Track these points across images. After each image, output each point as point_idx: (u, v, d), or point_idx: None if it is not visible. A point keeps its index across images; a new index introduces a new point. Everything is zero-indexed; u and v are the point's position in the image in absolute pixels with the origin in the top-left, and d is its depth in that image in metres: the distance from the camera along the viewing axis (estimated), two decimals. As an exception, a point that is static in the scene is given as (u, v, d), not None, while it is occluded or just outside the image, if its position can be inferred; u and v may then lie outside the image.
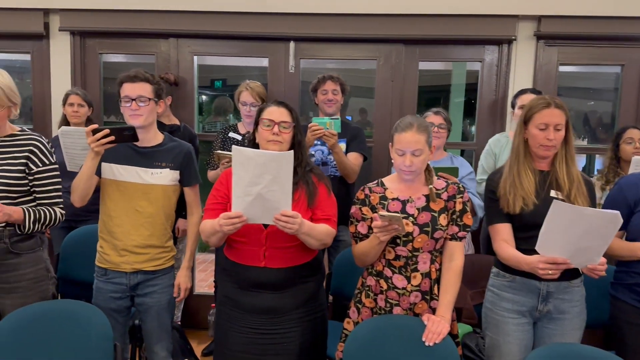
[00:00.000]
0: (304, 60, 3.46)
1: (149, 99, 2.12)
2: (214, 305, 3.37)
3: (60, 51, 3.50)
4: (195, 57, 3.51)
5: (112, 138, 1.96)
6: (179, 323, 3.34)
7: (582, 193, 1.95)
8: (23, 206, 1.97)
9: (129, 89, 2.10)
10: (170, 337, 2.28)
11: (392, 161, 1.98)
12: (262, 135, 1.99)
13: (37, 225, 1.99)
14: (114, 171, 2.14)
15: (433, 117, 2.82)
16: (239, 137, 3.17)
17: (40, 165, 2.01)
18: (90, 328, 1.89)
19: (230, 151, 2.22)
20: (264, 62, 3.50)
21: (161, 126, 3.25)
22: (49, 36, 3.49)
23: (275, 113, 1.99)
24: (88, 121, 3.31)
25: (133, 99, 2.09)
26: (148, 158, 2.16)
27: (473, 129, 3.77)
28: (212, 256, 3.93)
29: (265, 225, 1.91)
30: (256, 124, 2.05)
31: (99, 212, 2.20)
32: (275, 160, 1.70)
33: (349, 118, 4.75)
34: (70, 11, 3.41)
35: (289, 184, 1.73)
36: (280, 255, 1.94)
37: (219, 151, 2.88)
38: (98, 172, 2.17)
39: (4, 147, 1.99)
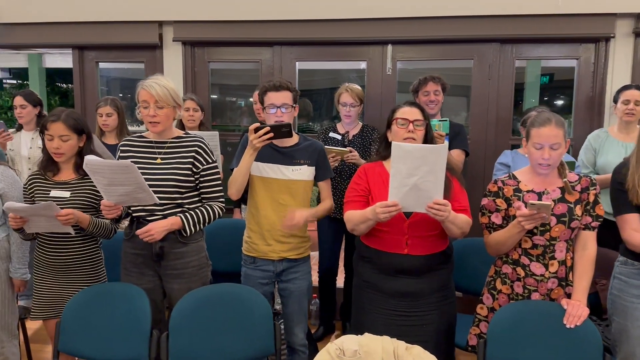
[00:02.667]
0: (400, 62, 3.61)
1: (291, 106, 2.33)
2: (315, 295, 3.57)
3: (173, 60, 3.79)
4: (297, 63, 3.72)
5: (271, 135, 2.17)
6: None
7: None
8: (180, 214, 2.17)
9: (274, 98, 2.31)
10: (307, 320, 2.48)
11: (527, 155, 2.11)
12: (398, 134, 2.15)
13: (197, 227, 2.21)
14: (260, 169, 2.36)
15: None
16: (339, 137, 3.35)
17: (205, 163, 2.24)
18: (253, 308, 2.11)
19: None
20: (362, 64, 3.67)
21: (267, 128, 3.50)
22: (163, 46, 3.78)
23: (409, 112, 2.16)
24: (201, 125, 3.58)
25: (278, 107, 2.30)
26: (288, 156, 2.36)
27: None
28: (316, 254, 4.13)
29: (407, 216, 2.07)
30: (389, 124, 2.22)
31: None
32: (433, 153, 1.86)
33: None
34: (183, 23, 3.69)
35: (443, 175, 1.89)
36: (421, 243, 2.10)
37: (327, 147, 3.08)
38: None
39: (173, 148, 2.23)
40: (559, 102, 6.92)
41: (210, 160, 2.25)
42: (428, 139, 2.19)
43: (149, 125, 2.18)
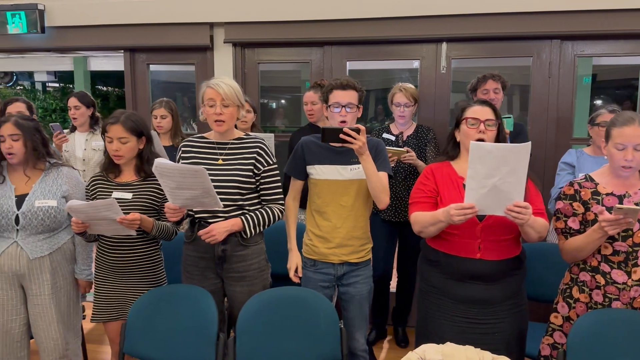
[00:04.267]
0: (454, 60, 3.52)
1: (356, 106, 2.28)
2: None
3: (223, 61, 3.79)
4: (347, 63, 3.67)
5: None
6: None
7: None
8: (242, 217, 2.16)
9: (340, 96, 2.26)
10: (367, 325, 2.42)
11: (606, 157, 2.01)
12: (468, 134, 2.07)
13: (258, 229, 2.19)
14: (318, 171, 2.32)
15: (607, 116, 2.78)
16: (393, 138, 3.29)
17: (266, 165, 2.21)
18: (319, 312, 2.07)
19: None
20: (415, 63, 3.60)
21: (317, 130, 3.45)
22: (213, 48, 3.78)
23: (480, 111, 2.07)
24: (253, 126, 3.56)
25: (343, 106, 2.26)
26: (345, 156, 2.31)
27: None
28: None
29: (480, 219, 1.99)
30: (457, 123, 2.14)
31: None
32: (515, 152, 1.77)
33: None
34: (234, 24, 3.69)
35: (524, 176, 1.80)
36: (495, 247, 2.01)
37: (388, 147, 3.01)
38: (305, 174, 2.36)
39: (235, 149, 2.22)
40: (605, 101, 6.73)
41: (271, 162, 2.22)
42: (500, 139, 2.10)
43: (214, 124, 2.16)
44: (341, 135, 2.10)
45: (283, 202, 2.28)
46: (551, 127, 3.42)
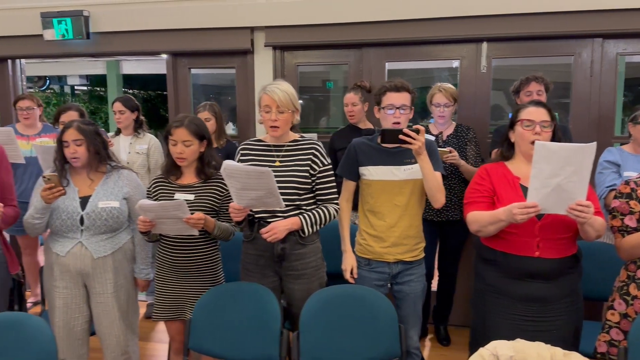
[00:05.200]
0: (495, 60, 3.53)
1: (409, 107, 2.32)
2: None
3: (263, 65, 3.86)
4: (386, 64, 3.71)
5: None
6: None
7: None
8: (300, 216, 2.21)
9: (393, 98, 2.31)
10: (421, 323, 2.46)
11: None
12: (523, 136, 2.09)
13: (315, 228, 2.24)
14: (371, 172, 2.36)
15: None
16: (432, 138, 3.30)
17: (321, 165, 2.27)
18: (378, 310, 2.12)
19: None
20: (454, 63, 3.62)
21: (357, 131, 3.50)
22: (254, 51, 3.86)
23: (535, 113, 2.09)
24: (292, 127, 3.61)
25: (397, 107, 2.30)
26: (398, 156, 2.35)
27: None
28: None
29: (539, 217, 2.01)
30: (512, 124, 2.17)
31: None
32: (580, 152, 1.79)
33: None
34: (274, 28, 3.75)
35: (588, 175, 1.82)
36: (553, 246, 2.03)
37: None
38: (357, 175, 2.41)
39: (291, 151, 2.28)
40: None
41: (325, 163, 2.28)
42: (555, 140, 2.12)
43: (270, 130, 2.23)
44: (401, 136, 2.15)
45: (338, 201, 2.33)
46: (593, 127, 3.42)
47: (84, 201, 2.33)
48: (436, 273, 3.56)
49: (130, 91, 12.02)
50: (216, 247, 2.43)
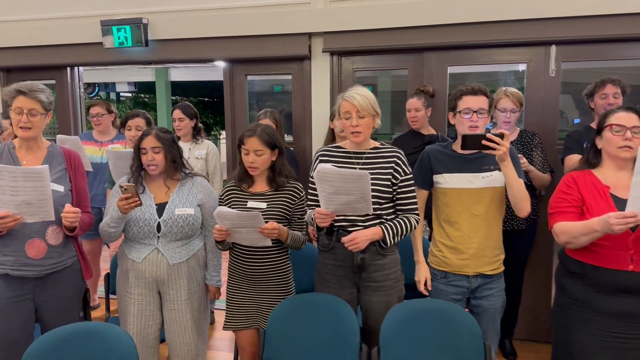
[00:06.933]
0: (564, 63, 3.40)
1: (487, 111, 2.23)
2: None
3: (320, 71, 3.82)
4: (448, 68, 3.62)
5: None
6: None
7: None
8: (382, 225, 2.15)
9: (471, 102, 2.22)
10: (499, 339, 2.36)
11: None
12: (612, 142, 1.99)
13: (396, 239, 2.18)
14: (447, 180, 2.28)
15: None
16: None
17: (403, 175, 2.20)
18: (460, 326, 2.03)
19: None
20: (520, 66, 3.50)
21: (419, 137, 3.42)
22: (311, 57, 3.82)
23: (626, 118, 1.99)
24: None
25: (474, 111, 2.21)
26: (476, 163, 2.26)
27: None
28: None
29: (633, 229, 1.89)
30: (599, 130, 2.06)
31: None
32: None
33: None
34: (332, 34, 3.71)
35: None
36: (650, 260, 1.91)
37: None
38: (430, 184, 2.33)
39: (371, 158, 2.22)
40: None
41: (407, 172, 2.21)
42: None
43: (351, 136, 2.17)
44: (484, 142, 2.07)
45: (418, 212, 2.25)
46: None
47: (161, 208, 2.33)
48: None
49: (173, 98, 12.25)
50: (288, 256, 2.39)
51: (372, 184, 2.15)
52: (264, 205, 2.28)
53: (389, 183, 2.17)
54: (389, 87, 5.96)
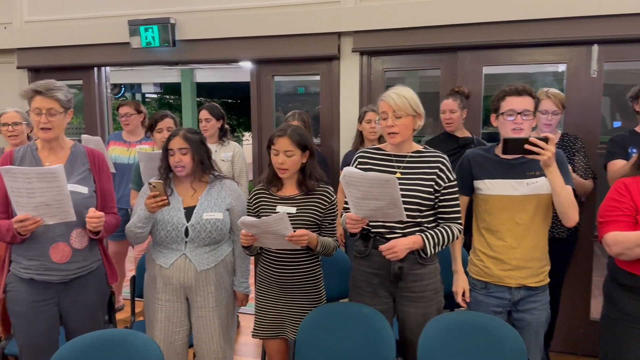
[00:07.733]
0: (607, 64, 3.24)
1: (532, 113, 2.11)
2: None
3: (349, 70, 3.73)
4: (483, 68, 3.49)
5: None
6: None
7: None
8: (423, 234, 2.04)
9: (515, 103, 2.10)
10: (541, 355, 2.22)
11: None
12: None
13: (437, 248, 2.06)
14: (488, 186, 2.16)
15: None
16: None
17: (447, 181, 2.08)
18: (503, 341, 1.91)
19: None
20: (560, 67, 3.35)
21: (454, 139, 3.29)
22: (340, 57, 3.73)
23: None
24: (381, 137, 3.45)
25: (518, 113, 2.09)
26: (520, 169, 2.14)
27: None
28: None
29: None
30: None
31: None
32: None
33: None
34: (362, 33, 3.61)
35: None
36: None
37: None
38: (471, 190, 2.21)
39: (413, 162, 2.10)
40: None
41: (452, 178, 2.09)
42: None
43: (388, 137, 2.07)
44: (527, 146, 1.94)
45: (461, 221, 2.13)
46: None
47: (189, 212, 2.26)
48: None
49: (198, 99, 12.28)
50: (318, 262, 2.30)
51: (413, 190, 2.04)
52: (293, 209, 2.19)
53: (432, 190, 2.06)
54: (416, 88, 5.82)
